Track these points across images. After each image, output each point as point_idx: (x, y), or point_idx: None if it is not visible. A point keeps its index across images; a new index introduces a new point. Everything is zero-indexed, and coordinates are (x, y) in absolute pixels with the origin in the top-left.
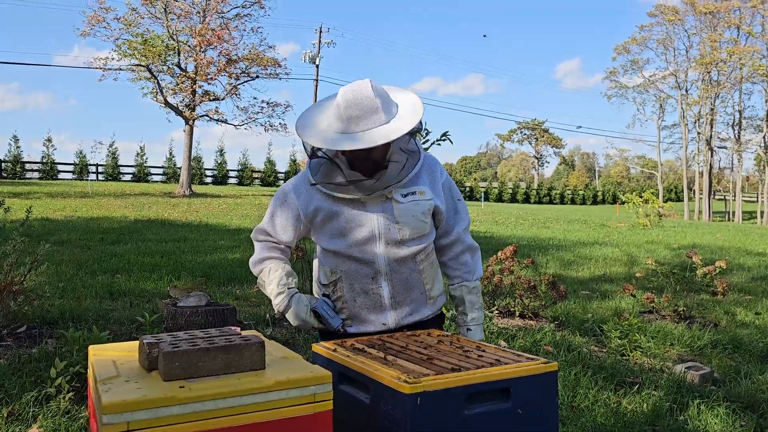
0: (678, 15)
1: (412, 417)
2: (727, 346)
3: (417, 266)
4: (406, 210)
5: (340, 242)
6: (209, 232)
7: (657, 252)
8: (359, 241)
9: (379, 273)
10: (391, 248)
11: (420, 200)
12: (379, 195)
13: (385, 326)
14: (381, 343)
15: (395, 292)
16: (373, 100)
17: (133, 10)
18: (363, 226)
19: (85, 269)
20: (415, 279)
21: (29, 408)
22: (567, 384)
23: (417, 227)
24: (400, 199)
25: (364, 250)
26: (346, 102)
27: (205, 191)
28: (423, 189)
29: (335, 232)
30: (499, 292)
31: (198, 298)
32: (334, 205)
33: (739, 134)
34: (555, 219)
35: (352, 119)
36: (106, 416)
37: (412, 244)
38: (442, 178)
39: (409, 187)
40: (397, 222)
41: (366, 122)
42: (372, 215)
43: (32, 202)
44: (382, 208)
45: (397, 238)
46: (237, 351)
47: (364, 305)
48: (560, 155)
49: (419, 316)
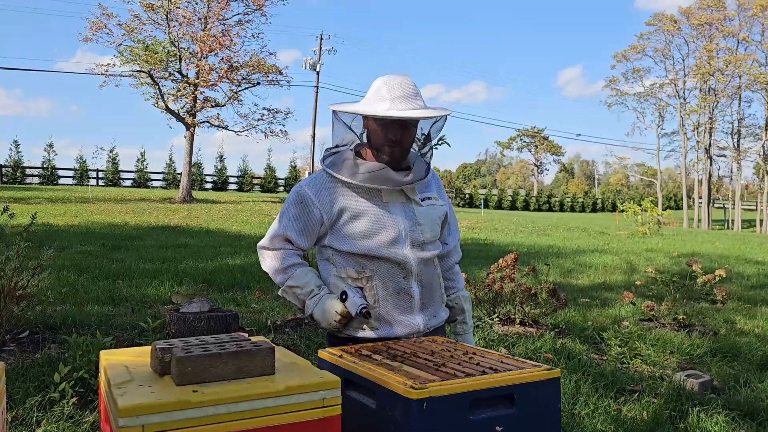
0: (675, 24)
1: (417, 422)
2: (727, 355)
3: (436, 269)
4: (426, 213)
5: (368, 243)
6: (210, 238)
7: (656, 260)
8: (388, 242)
9: (410, 273)
10: (417, 250)
11: (436, 205)
12: (401, 194)
13: (415, 328)
14: (386, 349)
15: (423, 294)
16: (414, 87)
17: (136, 17)
18: (389, 226)
19: (87, 275)
20: (437, 282)
21: (33, 413)
22: (567, 391)
23: (434, 231)
24: (420, 202)
25: (395, 251)
26: (390, 85)
27: (205, 197)
28: (436, 195)
29: (360, 233)
30: (499, 300)
31: (201, 304)
32: (359, 205)
33: (739, 142)
34: (554, 226)
35: (396, 99)
36: (123, 419)
37: (432, 247)
38: (443, 188)
39: (424, 192)
40: (420, 224)
41: (409, 103)
42: (397, 216)
43: (33, 208)
44: (404, 209)
45: (420, 240)
46: (248, 356)
47: (396, 306)
48: (560, 163)
49: (439, 319)
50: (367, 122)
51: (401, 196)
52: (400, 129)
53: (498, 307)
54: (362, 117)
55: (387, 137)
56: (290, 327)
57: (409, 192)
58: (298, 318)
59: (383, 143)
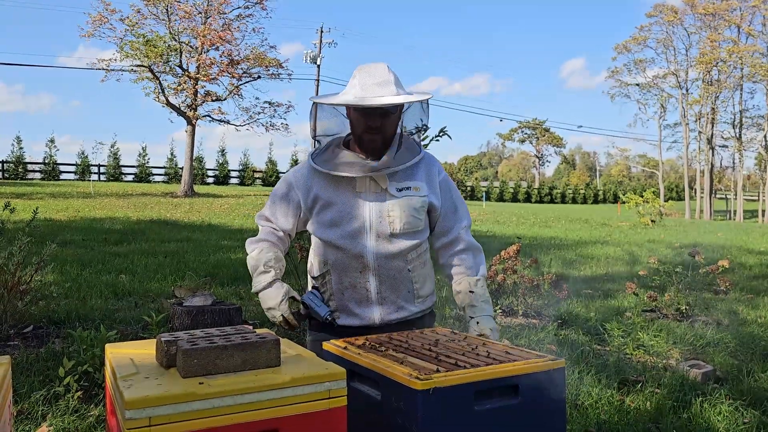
0: (677, 15)
1: (423, 413)
2: (730, 344)
3: (407, 264)
4: (400, 204)
5: (333, 232)
6: (212, 232)
7: (658, 251)
8: (351, 233)
9: (366, 267)
10: (381, 243)
11: (414, 195)
12: (374, 184)
13: (370, 321)
14: (390, 341)
15: (382, 288)
16: (388, 74)
17: (137, 12)
18: (356, 216)
19: (90, 269)
20: (404, 276)
21: (38, 407)
22: (570, 382)
23: (409, 222)
24: (394, 192)
25: (354, 243)
26: (363, 74)
27: (206, 191)
28: (419, 185)
29: (330, 221)
30: (502, 291)
31: (204, 297)
32: (332, 195)
33: (741, 133)
34: (556, 218)
35: (368, 87)
36: (129, 411)
37: (404, 239)
38: (439, 177)
39: (404, 181)
40: (390, 216)
41: (382, 90)
42: (365, 206)
43: (35, 203)
44: (376, 199)
45: (388, 232)
46: (253, 348)
47: (352, 298)
48: (561, 154)
49: (405, 313)
50: (349, 111)
51: (375, 186)
52: (377, 116)
53: (500, 299)
54: (345, 107)
55: (365, 125)
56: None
57: (381, 181)
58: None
59: (362, 131)
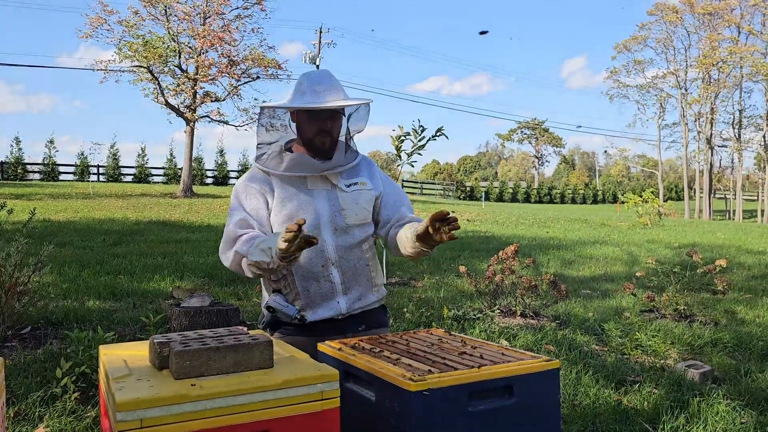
0: (677, 14)
1: (417, 414)
2: (728, 345)
3: (363, 254)
4: (351, 198)
5: None
6: (210, 232)
7: (657, 251)
8: (309, 228)
9: (328, 260)
10: (339, 235)
11: (363, 190)
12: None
13: (337, 311)
14: (385, 342)
15: (345, 278)
16: (334, 80)
17: (135, 13)
18: (310, 212)
19: (88, 270)
20: (362, 266)
21: (35, 408)
22: (568, 382)
23: (361, 215)
24: (344, 188)
25: None
26: (312, 79)
27: (206, 192)
28: (364, 180)
29: (285, 218)
30: (500, 292)
31: (201, 298)
32: (286, 193)
33: (740, 133)
34: (555, 218)
35: (318, 92)
36: (120, 413)
37: (358, 231)
38: (378, 171)
39: (351, 178)
40: (342, 209)
41: (332, 95)
42: (318, 203)
43: (34, 204)
44: (328, 196)
45: (344, 224)
46: (246, 350)
47: (317, 292)
48: (560, 154)
49: (366, 302)
50: (296, 116)
51: (326, 183)
52: (328, 120)
53: (499, 300)
54: (290, 113)
55: (316, 128)
56: None
57: (332, 178)
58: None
59: (313, 134)
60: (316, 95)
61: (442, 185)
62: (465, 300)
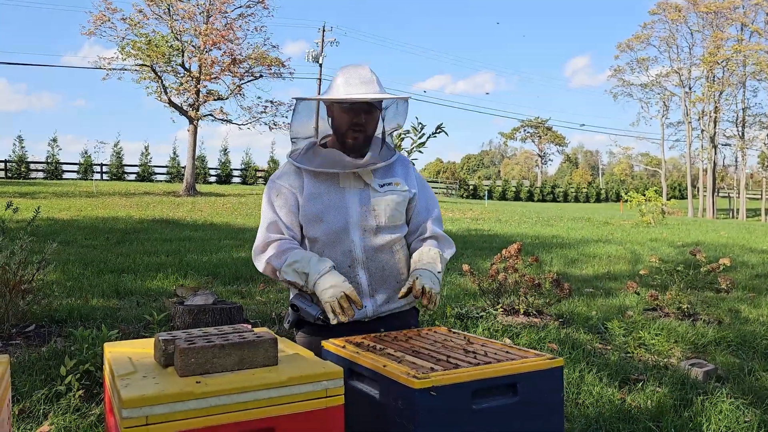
0: (681, 13)
1: (420, 412)
2: (732, 343)
3: (393, 255)
4: (383, 199)
5: (318, 228)
6: (214, 231)
7: (661, 249)
8: (336, 229)
9: (356, 261)
10: (368, 236)
11: (396, 190)
12: (358, 180)
13: (363, 315)
14: (389, 340)
15: (372, 281)
16: (371, 75)
17: (139, 12)
18: (340, 211)
19: (92, 268)
20: (392, 268)
21: (40, 406)
22: (571, 381)
23: (392, 216)
24: (377, 188)
25: (340, 238)
26: (347, 73)
27: (209, 190)
28: (399, 181)
29: (314, 215)
30: (503, 290)
31: (205, 296)
32: (317, 190)
33: (743, 131)
34: (558, 217)
35: (352, 85)
36: (126, 410)
37: (388, 232)
38: (414, 172)
39: (385, 177)
40: (374, 209)
41: (367, 88)
42: (350, 201)
43: (37, 202)
44: (360, 195)
45: (374, 225)
46: (251, 347)
47: None
48: (564, 153)
49: (394, 305)
50: (331, 110)
51: (359, 181)
52: (361, 113)
53: (502, 298)
54: (327, 107)
55: (350, 122)
56: None
57: (365, 177)
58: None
59: (346, 129)
60: (350, 88)
61: (446, 184)
62: (468, 298)
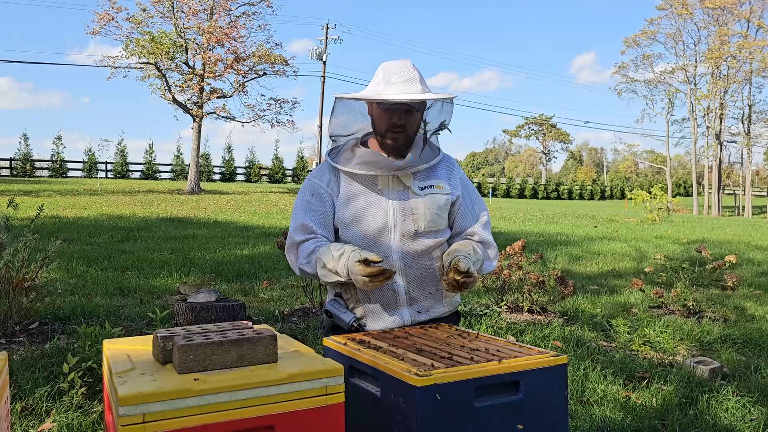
0: (687, 9)
1: (422, 409)
2: (737, 341)
3: (433, 263)
4: (423, 202)
5: (353, 232)
6: (218, 228)
7: (666, 247)
8: (374, 232)
9: (393, 267)
10: (406, 241)
11: (437, 193)
12: (397, 182)
13: (399, 324)
14: (391, 337)
15: (410, 288)
16: (413, 72)
17: (144, 11)
18: (378, 213)
19: (95, 266)
20: (432, 275)
21: (42, 403)
22: (576, 378)
23: (433, 220)
24: (417, 191)
25: (378, 243)
26: (388, 70)
27: (213, 188)
28: (441, 183)
29: (349, 218)
30: (507, 288)
31: (208, 294)
32: (354, 191)
33: (749, 128)
34: (563, 214)
35: (393, 84)
36: (123, 408)
37: (428, 237)
38: (459, 173)
39: (427, 180)
40: (413, 213)
41: (408, 87)
42: (389, 203)
43: (42, 200)
44: (399, 197)
45: (412, 230)
46: (250, 344)
47: (379, 301)
48: (568, 150)
49: (435, 313)
50: (371, 109)
51: (398, 184)
52: (401, 114)
53: (506, 295)
54: (367, 104)
55: (389, 122)
56: (297, 316)
57: (405, 179)
58: (305, 307)
59: (385, 129)
60: (390, 87)
61: None
62: (472, 296)
